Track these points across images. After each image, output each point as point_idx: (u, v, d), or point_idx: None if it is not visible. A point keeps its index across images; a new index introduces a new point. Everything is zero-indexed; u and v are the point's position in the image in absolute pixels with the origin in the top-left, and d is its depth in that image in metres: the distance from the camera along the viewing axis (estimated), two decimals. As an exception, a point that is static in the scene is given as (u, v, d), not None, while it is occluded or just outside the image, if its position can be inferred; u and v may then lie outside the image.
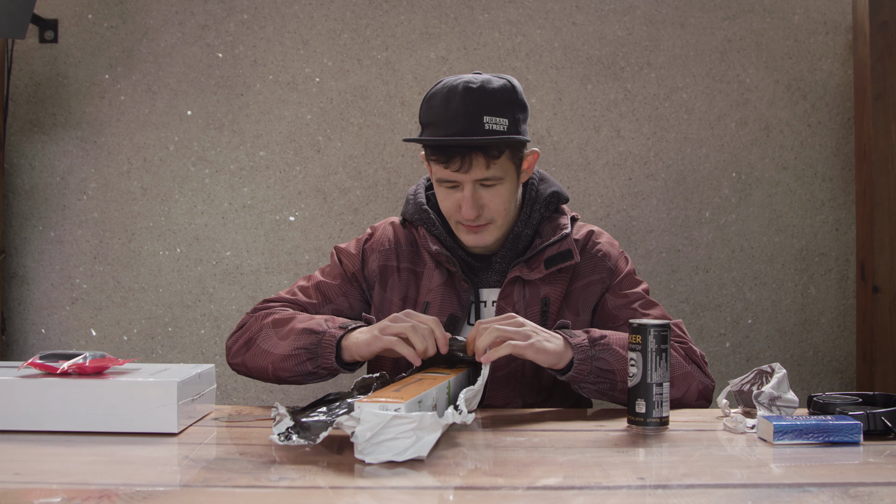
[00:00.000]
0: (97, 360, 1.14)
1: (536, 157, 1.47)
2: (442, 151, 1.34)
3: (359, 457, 0.95)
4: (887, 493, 0.84)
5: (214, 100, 2.19)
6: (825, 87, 2.21)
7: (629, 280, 1.48)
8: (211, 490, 0.84)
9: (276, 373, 1.35)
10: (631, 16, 2.20)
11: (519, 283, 1.42)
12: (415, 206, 1.50)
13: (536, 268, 1.42)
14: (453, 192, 1.39)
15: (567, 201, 1.51)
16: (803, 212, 2.21)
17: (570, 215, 1.51)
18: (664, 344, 1.14)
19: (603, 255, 1.47)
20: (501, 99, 1.35)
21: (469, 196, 1.36)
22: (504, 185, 1.39)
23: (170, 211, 2.19)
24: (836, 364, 2.22)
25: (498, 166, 1.36)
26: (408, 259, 1.48)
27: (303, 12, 2.19)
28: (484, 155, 1.33)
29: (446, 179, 1.38)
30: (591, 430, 1.15)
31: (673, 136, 2.20)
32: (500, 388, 1.41)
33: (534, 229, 1.47)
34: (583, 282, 1.45)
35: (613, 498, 0.83)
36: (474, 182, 1.37)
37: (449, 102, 1.34)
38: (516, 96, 1.38)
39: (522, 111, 1.39)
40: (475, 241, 1.42)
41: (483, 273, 1.47)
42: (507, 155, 1.37)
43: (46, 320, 2.19)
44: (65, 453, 0.99)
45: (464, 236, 1.43)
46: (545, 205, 1.48)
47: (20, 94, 2.19)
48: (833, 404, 1.15)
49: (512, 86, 1.38)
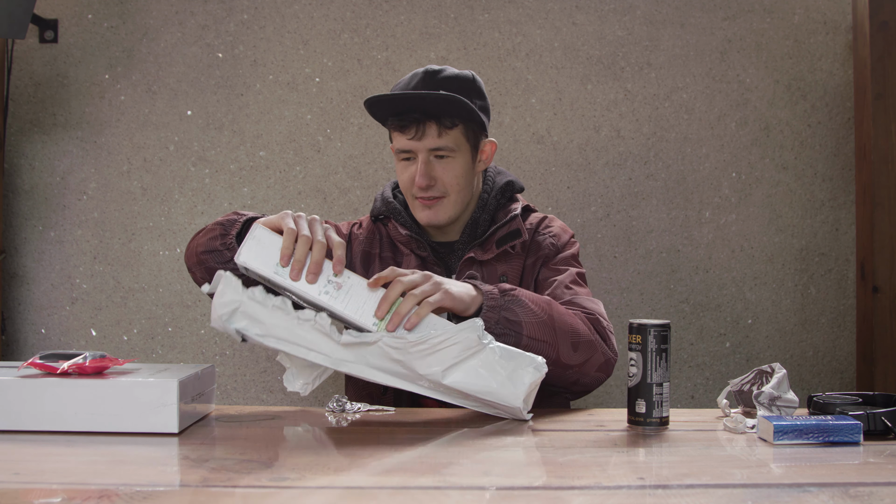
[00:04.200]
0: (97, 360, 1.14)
1: (494, 148, 1.55)
2: (399, 117, 1.43)
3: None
4: (887, 493, 0.84)
5: (214, 100, 2.19)
6: (825, 87, 2.21)
7: (566, 261, 1.53)
8: (211, 490, 0.84)
9: (196, 249, 1.35)
10: (631, 16, 2.20)
11: (475, 265, 1.49)
12: (382, 202, 1.58)
13: (489, 249, 1.50)
14: (409, 166, 1.47)
15: (521, 191, 1.60)
16: (803, 212, 2.21)
17: (522, 203, 1.58)
18: (664, 344, 1.14)
19: (553, 236, 1.56)
20: (459, 82, 1.46)
21: (422, 165, 1.45)
22: (456, 160, 1.47)
23: (170, 211, 2.19)
24: (836, 364, 2.22)
25: (451, 137, 1.44)
26: (388, 248, 1.56)
27: (303, 12, 2.19)
28: (437, 123, 1.43)
29: (403, 149, 1.46)
30: (591, 430, 1.15)
31: (673, 136, 2.20)
32: None
33: (490, 216, 1.54)
34: (532, 258, 1.52)
35: (613, 498, 0.83)
36: (428, 151, 1.45)
37: (410, 81, 1.46)
38: (475, 84, 1.49)
39: (480, 99, 1.49)
40: (429, 218, 1.49)
41: (449, 259, 1.54)
42: (461, 129, 1.45)
43: (46, 320, 2.19)
44: (65, 453, 0.99)
45: (419, 213, 1.50)
46: (500, 192, 1.56)
47: (20, 94, 2.19)
48: (833, 404, 1.15)
49: (473, 76, 1.49)
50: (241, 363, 2.18)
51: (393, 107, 1.45)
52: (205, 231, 1.37)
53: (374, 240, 1.57)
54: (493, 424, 1.19)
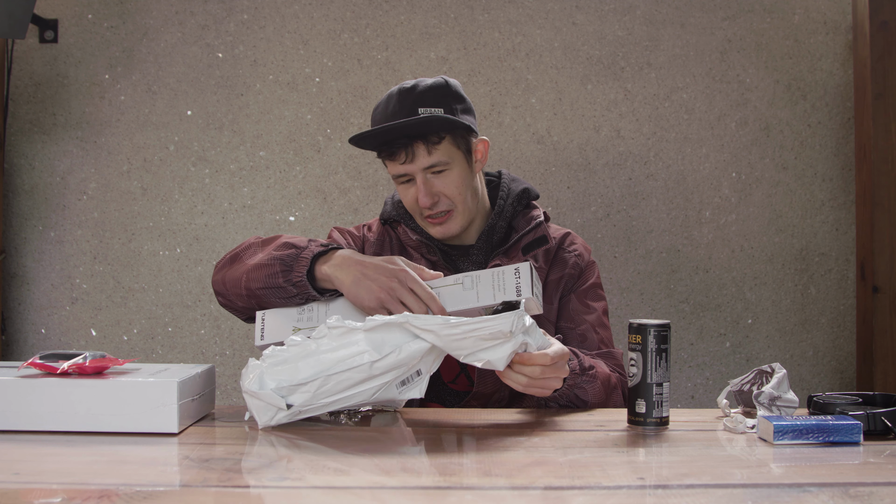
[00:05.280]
0: (97, 360, 1.14)
1: (487, 146, 1.55)
2: (386, 146, 1.43)
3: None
4: (887, 493, 0.84)
5: (214, 100, 2.19)
6: (825, 87, 2.21)
7: (594, 292, 1.56)
8: (211, 490, 0.84)
9: (247, 283, 1.34)
10: (631, 16, 2.20)
11: None
12: (392, 205, 1.58)
13: (515, 256, 1.50)
14: (410, 187, 1.47)
15: (537, 198, 1.60)
16: (803, 212, 2.21)
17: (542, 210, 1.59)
18: (664, 344, 1.14)
19: (578, 255, 1.56)
20: (434, 93, 1.45)
21: (421, 185, 1.44)
22: (453, 171, 1.46)
23: (170, 211, 2.19)
24: (836, 364, 2.22)
25: (441, 152, 1.43)
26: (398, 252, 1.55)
27: (303, 12, 2.19)
28: (423, 142, 1.42)
29: (398, 174, 1.46)
30: (591, 430, 1.15)
31: (673, 136, 2.20)
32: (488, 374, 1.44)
33: (507, 222, 1.55)
34: (557, 274, 1.53)
35: (613, 498, 0.83)
36: (423, 171, 1.44)
37: (388, 105, 1.45)
38: (449, 89, 1.47)
39: (459, 102, 1.48)
40: (441, 233, 1.49)
41: (462, 263, 1.54)
42: (449, 141, 1.45)
43: (46, 320, 2.19)
44: (65, 453, 0.99)
45: (431, 230, 1.50)
46: (517, 199, 1.57)
47: (20, 94, 2.19)
48: (833, 404, 1.15)
49: (445, 81, 1.48)
50: (241, 363, 2.18)
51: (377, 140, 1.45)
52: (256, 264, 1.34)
53: (384, 243, 1.57)
54: (493, 424, 1.19)
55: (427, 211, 1.46)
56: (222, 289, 1.41)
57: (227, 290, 1.39)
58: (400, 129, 1.41)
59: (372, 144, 1.47)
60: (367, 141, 1.45)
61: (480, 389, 1.42)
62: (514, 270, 1.25)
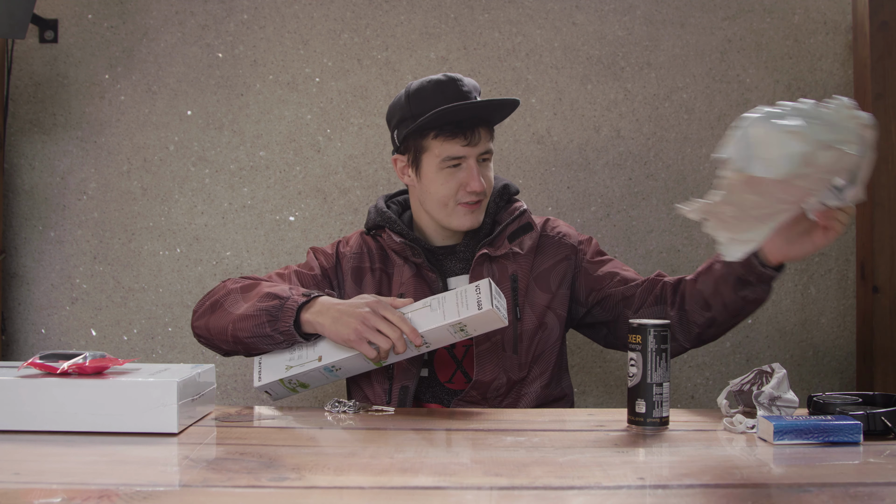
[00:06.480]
0: (97, 360, 1.14)
1: None
2: (457, 125, 1.46)
3: None
4: (887, 493, 0.84)
5: (214, 100, 2.19)
6: (825, 87, 2.21)
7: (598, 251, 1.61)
8: (211, 490, 0.84)
9: (234, 332, 1.40)
10: (631, 16, 2.20)
11: (487, 262, 1.51)
12: (376, 213, 1.60)
13: (500, 245, 1.52)
14: (455, 173, 1.48)
15: (517, 193, 1.63)
16: (803, 212, 2.21)
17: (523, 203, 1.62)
18: (664, 344, 1.14)
19: (563, 235, 1.60)
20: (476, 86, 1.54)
21: (475, 169, 1.48)
22: (492, 162, 1.54)
23: (170, 211, 2.19)
24: (836, 364, 2.22)
25: (491, 140, 1.52)
26: (379, 261, 1.57)
27: (303, 12, 2.20)
28: (486, 127, 1.49)
29: (453, 156, 1.47)
30: (591, 430, 1.15)
31: (673, 136, 2.20)
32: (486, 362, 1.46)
33: (492, 218, 1.57)
34: (549, 262, 1.56)
35: (613, 498, 0.83)
36: (478, 156, 1.49)
37: (444, 90, 1.48)
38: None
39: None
40: (472, 221, 1.52)
41: (447, 263, 1.56)
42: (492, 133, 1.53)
43: (46, 320, 2.19)
44: (65, 453, 0.99)
45: (461, 219, 1.51)
46: (499, 195, 1.60)
47: (20, 94, 2.19)
48: (833, 404, 1.15)
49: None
50: (241, 363, 2.18)
51: (455, 115, 1.46)
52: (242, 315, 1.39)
53: (363, 254, 1.58)
54: (493, 424, 1.19)
55: (474, 197, 1.49)
56: (206, 334, 1.48)
57: (212, 337, 1.46)
58: (482, 108, 1.47)
59: (444, 121, 1.46)
60: (445, 116, 1.45)
61: (480, 378, 1.43)
62: (476, 287, 1.30)
